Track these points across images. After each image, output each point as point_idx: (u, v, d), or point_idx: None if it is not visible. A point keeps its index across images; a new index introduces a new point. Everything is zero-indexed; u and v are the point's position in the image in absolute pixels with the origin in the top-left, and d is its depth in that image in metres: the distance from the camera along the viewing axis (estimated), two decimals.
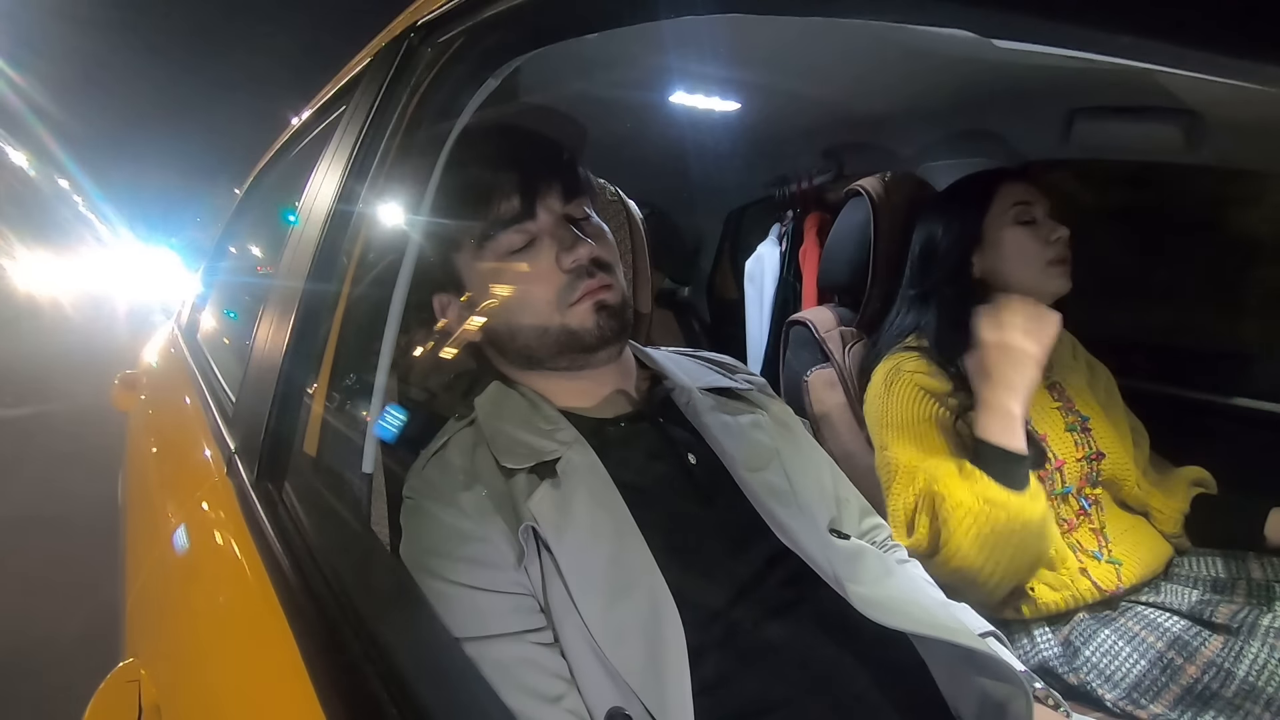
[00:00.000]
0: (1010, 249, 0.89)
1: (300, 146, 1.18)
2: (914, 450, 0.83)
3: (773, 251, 1.69)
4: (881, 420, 0.88)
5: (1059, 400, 0.91)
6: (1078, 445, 0.88)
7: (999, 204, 0.90)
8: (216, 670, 0.54)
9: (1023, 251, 0.88)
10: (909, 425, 0.85)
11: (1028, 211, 0.89)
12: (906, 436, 0.85)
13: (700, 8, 0.52)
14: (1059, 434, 0.88)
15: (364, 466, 0.57)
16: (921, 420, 0.85)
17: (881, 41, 0.96)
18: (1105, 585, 0.82)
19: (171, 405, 1.27)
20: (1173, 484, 0.93)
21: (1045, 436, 0.86)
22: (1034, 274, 0.88)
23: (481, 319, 0.62)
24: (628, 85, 1.14)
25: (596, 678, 0.48)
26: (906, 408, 0.86)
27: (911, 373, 0.87)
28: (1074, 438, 0.88)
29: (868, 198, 1.04)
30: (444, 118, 0.61)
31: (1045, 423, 0.88)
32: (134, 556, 0.95)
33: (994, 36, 0.31)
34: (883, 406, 0.88)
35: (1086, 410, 0.91)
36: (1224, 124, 0.89)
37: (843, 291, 1.13)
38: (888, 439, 0.87)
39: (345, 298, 0.62)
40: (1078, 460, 0.87)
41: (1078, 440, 0.88)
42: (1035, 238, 0.88)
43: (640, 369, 0.68)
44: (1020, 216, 0.89)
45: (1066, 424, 0.89)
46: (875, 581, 0.57)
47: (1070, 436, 0.88)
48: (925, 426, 0.84)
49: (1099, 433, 0.90)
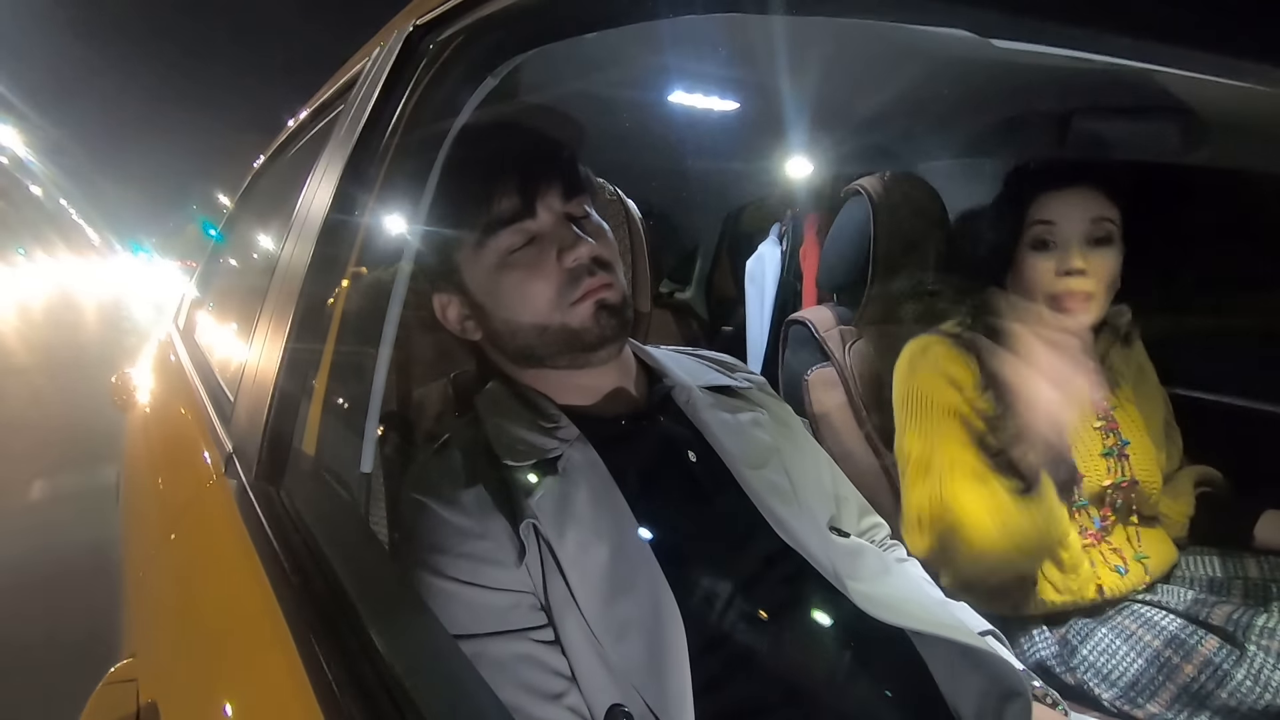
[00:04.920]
0: (1024, 274, 0.82)
1: (299, 146, 1.18)
2: (928, 441, 0.81)
3: (773, 251, 1.69)
4: (903, 402, 0.84)
5: (1102, 420, 0.84)
6: (1110, 471, 0.82)
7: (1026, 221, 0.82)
8: (214, 670, 0.54)
9: (1032, 281, 0.81)
10: (926, 413, 0.82)
11: (1048, 233, 0.80)
12: (923, 425, 0.81)
13: (700, 7, 0.52)
14: (1094, 457, 0.82)
15: (363, 466, 0.57)
16: (940, 410, 0.81)
17: (881, 41, 0.96)
18: (1112, 591, 0.82)
19: (169, 405, 1.26)
20: (1180, 486, 0.93)
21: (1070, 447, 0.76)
22: (1036, 299, 0.81)
23: (481, 318, 0.62)
24: (627, 84, 1.14)
25: (597, 675, 0.48)
26: (927, 394, 0.82)
27: (938, 358, 0.83)
28: (1108, 463, 0.83)
29: (867, 197, 1.04)
30: (443, 117, 0.61)
31: (1082, 442, 0.82)
32: (132, 556, 0.95)
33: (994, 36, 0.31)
34: (905, 388, 0.85)
35: (1129, 433, 0.84)
36: (1224, 124, 0.89)
37: (842, 291, 1.13)
38: (906, 423, 0.84)
39: (344, 297, 0.62)
40: (1103, 486, 0.82)
41: (1111, 465, 0.83)
42: (1047, 268, 0.80)
43: (640, 367, 0.68)
44: (1037, 240, 0.81)
45: (1105, 448, 0.83)
46: (875, 579, 0.58)
47: (1105, 462, 0.83)
48: (941, 416, 0.81)
49: (1137, 459, 0.83)
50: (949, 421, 0.80)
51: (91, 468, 2.62)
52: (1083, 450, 0.82)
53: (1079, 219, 0.79)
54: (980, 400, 0.79)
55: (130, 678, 0.66)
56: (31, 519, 2.45)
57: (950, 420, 0.80)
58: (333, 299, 0.63)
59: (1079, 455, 0.80)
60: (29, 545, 2.13)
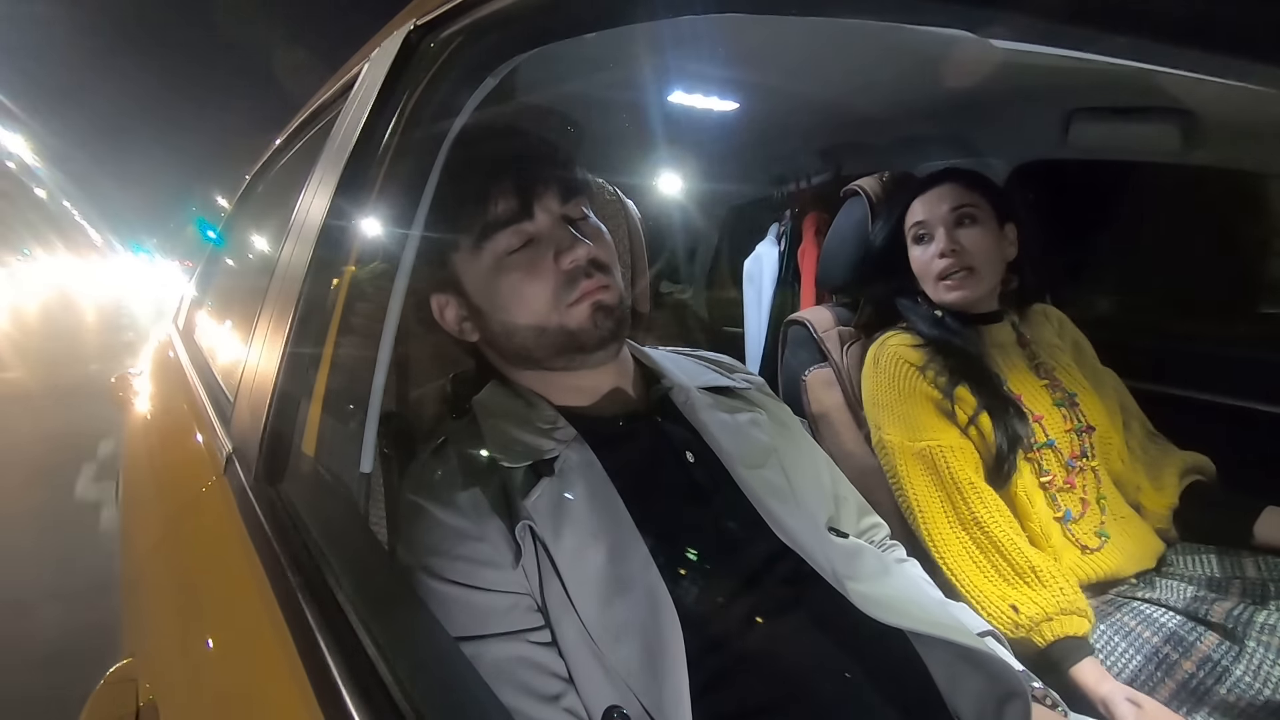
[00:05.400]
0: (914, 265, 0.97)
1: (298, 146, 1.18)
2: (905, 428, 0.89)
3: (771, 251, 1.70)
4: (873, 398, 0.94)
5: (1045, 379, 0.93)
6: (1066, 419, 0.90)
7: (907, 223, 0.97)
8: (214, 670, 0.54)
9: (920, 269, 0.96)
10: (896, 403, 0.91)
11: (921, 229, 0.95)
12: (896, 415, 0.90)
13: (699, 7, 0.52)
14: (1047, 407, 0.90)
15: (362, 466, 0.57)
16: (908, 394, 0.90)
17: (880, 41, 0.96)
18: (1088, 543, 0.85)
19: (169, 405, 1.26)
20: (1165, 474, 0.94)
21: (1021, 397, 0.89)
22: (930, 288, 0.96)
23: (479, 319, 0.62)
24: (626, 85, 1.14)
25: (594, 676, 0.48)
26: (893, 383, 0.92)
27: (895, 346, 0.94)
28: (1062, 412, 0.90)
29: (866, 198, 1.04)
30: (442, 117, 0.60)
31: (1033, 399, 0.90)
32: (131, 556, 0.95)
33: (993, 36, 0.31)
34: (873, 384, 0.94)
35: (1074, 387, 0.93)
36: (1223, 124, 0.90)
37: (841, 291, 1.13)
38: (881, 418, 0.92)
39: (343, 297, 0.62)
40: (1066, 432, 0.89)
41: (1065, 414, 0.90)
42: (926, 254, 0.95)
43: (638, 368, 0.68)
44: (916, 234, 0.96)
45: (1054, 399, 0.91)
46: (874, 579, 0.58)
47: (1059, 411, 0.90)
48: (912, 401, 0.89)
49: (1087, 407, 0.92)
50: (918, 406, 0.89)
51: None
52: (1037, 404, 0.91)
53: (942, 211, 0.94)
54: (933, 374, 0.90)
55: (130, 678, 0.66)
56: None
57: (919, 403, 0.89)
58: (332, 299, 0.63)
59: (1035, 406, 0.90)
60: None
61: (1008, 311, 0.98)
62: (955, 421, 0.88)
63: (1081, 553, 0.85)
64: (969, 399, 0.87)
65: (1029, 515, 0.85)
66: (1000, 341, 0.95)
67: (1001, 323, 0.96)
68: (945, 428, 0.88)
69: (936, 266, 0.93)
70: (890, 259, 0.99)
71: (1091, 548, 0.85)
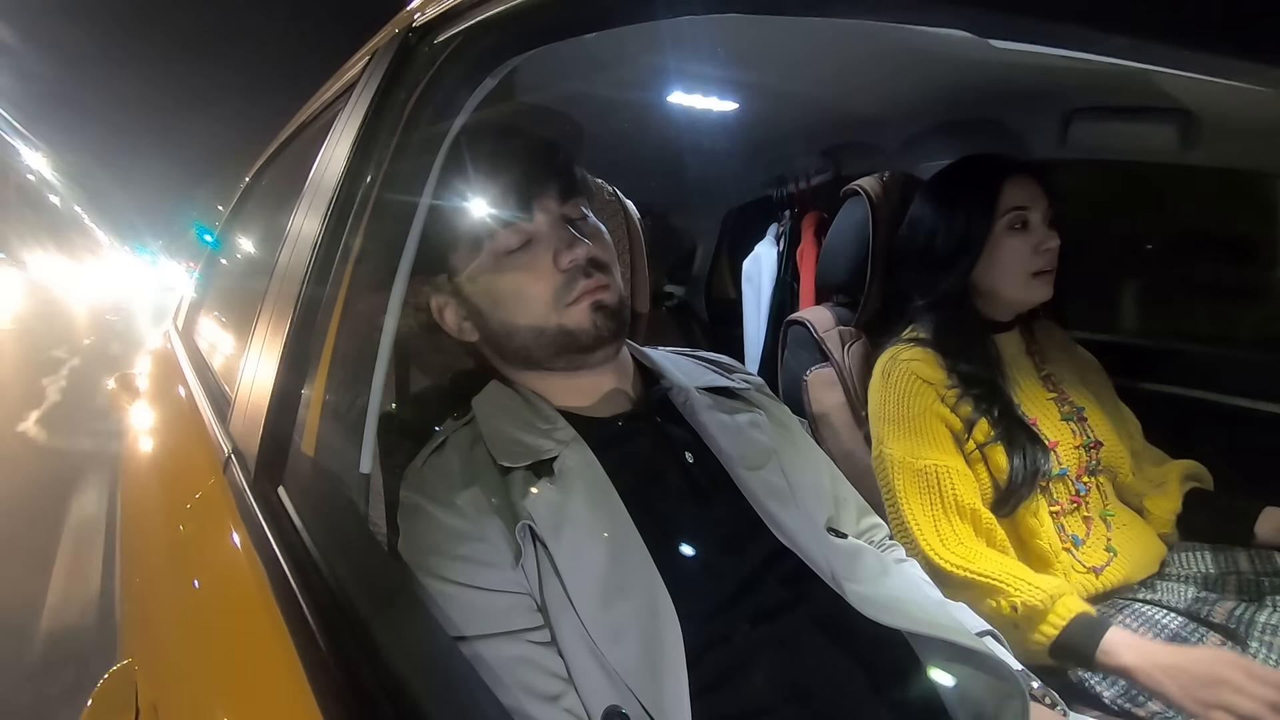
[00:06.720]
0: (1001, 257, 0.87)
1: (297, 146, 1.18)
2: (909, 445, 0.84)
3: (770, 251, 1.69)
4: (879, 413, 0.89)
5: (1053, 391, 0.91)
6: (1075, 434, 0.88)
7: (1000, 208, 0.86)
8: (214, 671, 0.54)
9: (1012, 262, 0.86)
10: (905, 419, 0.86)
11: (1022, 217, 0.86)
12: (902, 431, 0.85)
13: (699, 8, 0.52)
14: (1055, 423, 0.88)
15: (362, 466, 0.57)
16: (918, 413, 0.85)
17: (880, 41, 0.96)
18: (1097, 563, 0.83)
19: (169, 405, 1.26)
20: (1167, 481, 0.94)
21: (1036, 421, 0.86)
22: (1018, 285, 0.87)
23: (478, 319, 0.62)
24: (625, 85, 1.14)
25: (594, 677, 0.48)
26: (903, 399, 0.86)
27: (908, 360, 0.88)
28: (1071, 426, 0.89)
29: (866, 198, 1.04)
30: (442, 118, 0.61)
31: (1041, 413, 0.88)
32: (130, 556, 0.95)
33: (992, 36, 0.31)
34: (880, 399, 0.89)
35: (1081, 401, 0.92)
36: (1223, 124, 0.90)
37: (841, 291, 1.13)
38: (885, 432, 0.87)
39: (343, 297, 0.62)
40: (1075, 448, 0.87)
41: (1074, 429, 0.89)
42: (1025, 247, 0.85)
43: (638, 369, 0.68)
44: (1014, 223, 0.86)
45: (1062, 414, 0.89)
46: (873, 580, 0.58)
47: (1067, 426, 0.89)
48: (922, 420, 0.85)
49: (1094, 421, 0.90)
50: (929, 424, 0.85)
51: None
52: (1047, 421, 0.88)
53: (1042, 202, 0.86)
54: (952, 397, 0.85)
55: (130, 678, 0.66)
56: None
57: (929, 421, 0.85)
58: (331, 300, 0.63)
59: (1046, 426, 0.87)
60: None
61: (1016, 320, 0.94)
62: (963, 448, 0.84)
63: (1095, 576, 0.83)
64: (986, 428, 0.83)
65: (1035, 543, 0.83)
66: (1011, 352, 0.92)
67: (1012, 331, 0.93)
68: (953, 451, 0.84)
69: (1037, 261, 0.85)
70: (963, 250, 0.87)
71: (1101, 566, 0.83)
